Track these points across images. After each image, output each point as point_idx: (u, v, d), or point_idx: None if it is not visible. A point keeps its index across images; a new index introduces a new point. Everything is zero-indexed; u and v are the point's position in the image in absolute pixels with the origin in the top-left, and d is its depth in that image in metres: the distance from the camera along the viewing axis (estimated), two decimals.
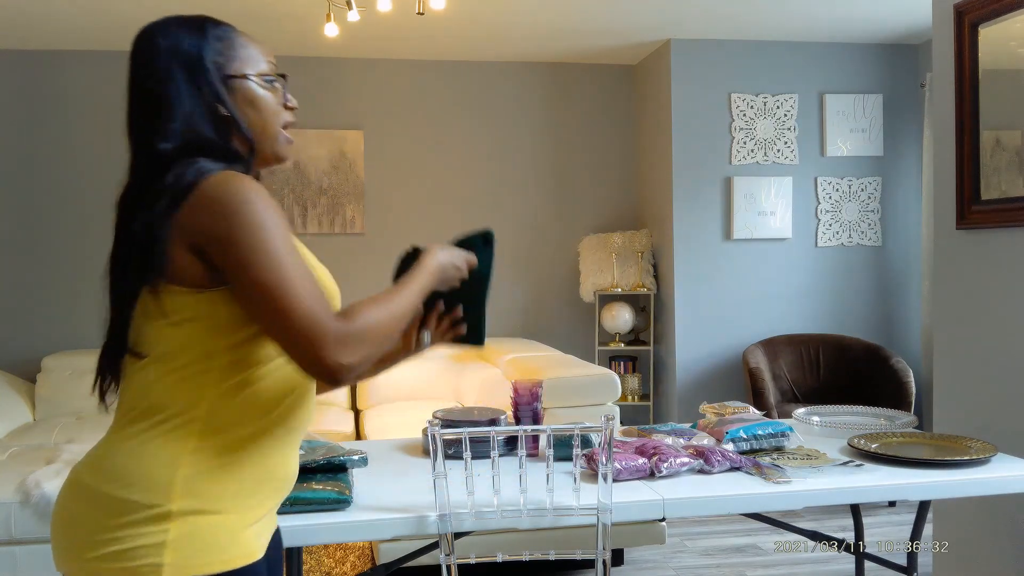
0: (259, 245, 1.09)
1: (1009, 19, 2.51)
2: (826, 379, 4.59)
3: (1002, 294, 2.60)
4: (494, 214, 5.15)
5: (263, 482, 1.20)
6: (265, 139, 1.26)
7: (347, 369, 1.12)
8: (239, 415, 1.17)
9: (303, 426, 1.28)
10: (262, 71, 1.25)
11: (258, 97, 1.24)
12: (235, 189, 1.11)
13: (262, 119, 1.25)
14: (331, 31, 3.62)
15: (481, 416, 2.22)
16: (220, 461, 1.15)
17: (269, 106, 1.25)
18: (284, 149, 1.30)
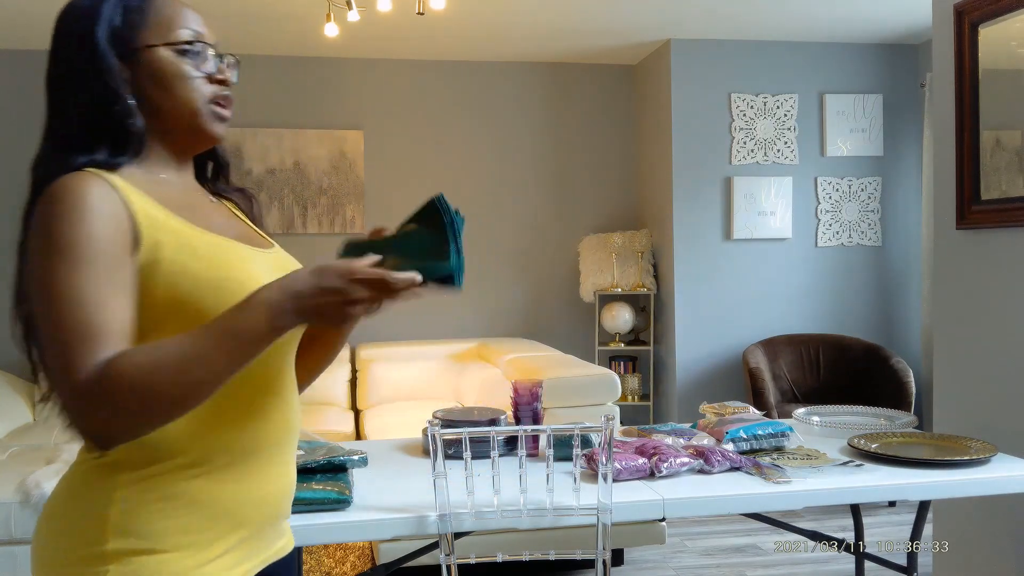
0: (41, 267, 0.96)
1: (1009, 19, 2.51)
2: (826, 379, 4.59)
3: (1002, 294, 2.60)
4: (494, 214, 5.15)
5: (216, 517, 1.05)
6: (178, 118, 1.09)
7: (92, 433, 0.95)
8: (171, 442, 1.02)
9: (263, 449, 1.10)
10: (173, 39, 1.08)
11: (163, 72, 1.08)
12: (52, 197, 0.98)
13: (169, 97, 1.08)
14: (331, 31, 3.62)
15: (481, 416, 2.22)
16: (159, 494, 1.02)
17: (178, 80, 1.08)
18: (210, 126, 1.11)
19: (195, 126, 1.10)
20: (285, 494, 1.15)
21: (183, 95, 1.09)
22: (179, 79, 1.08)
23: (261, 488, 1.09)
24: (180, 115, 1.09)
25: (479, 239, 5.15)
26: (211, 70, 1.11)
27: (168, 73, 1.08)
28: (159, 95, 1.08)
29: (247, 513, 1.08)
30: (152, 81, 1.07)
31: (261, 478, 1.09)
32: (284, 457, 1.14)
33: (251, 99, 4.84)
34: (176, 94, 1.08)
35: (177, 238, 1.02)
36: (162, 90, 1.08)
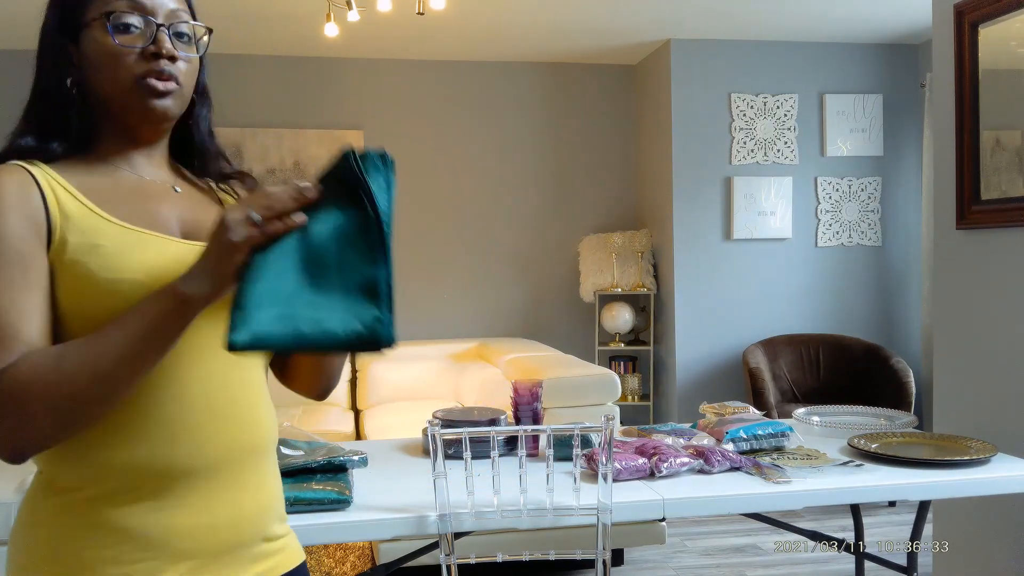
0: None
1: (1009, 19, 2.51)
2: (826, 379, 4.59)
3: (1002, 294, 2.60)
4: (494, 214, 5.16)
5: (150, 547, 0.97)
6: (113, 99, 1.02)
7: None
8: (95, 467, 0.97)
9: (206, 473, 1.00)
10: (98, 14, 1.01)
11: (95, 51, 1.01)
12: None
13: (102, 78, 1.01)
14: (331, 31, 3.61)
15: (481, 416, 2.22)
16: (85, 522, 0.96)
17: (108, 59, 1.01)
18: (145, 102, 1.02)
19: (130, 105, 1.02)
20: (246, 518, 1.04)
21: (114, 75, 1.01)
22: (109, 57, 1.01)
23: (208, 514, 1.00)
24: (114, 96, 1.02)
25: (479, 239, 5.15)
26: (144, 43, 1.01)
27: (99, 52, 1.01)
28: (94, 76, 1.02)
29: (191, 543, 0.99)
30: (88, 62, 1.02)
31: (208, 504, 1.00)
32: (241, 479, 1.03)
33: (251, 99, 4.84)
34: (107, 75, 1.01)
35: (85, 237, 0.96)
36: (96, 70, 1.02)
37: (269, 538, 1.08)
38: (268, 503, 1.09)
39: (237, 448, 1.03)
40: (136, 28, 1.01)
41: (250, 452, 1.05)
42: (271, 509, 1.09)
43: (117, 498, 0.97)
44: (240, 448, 1.03)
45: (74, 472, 0.97)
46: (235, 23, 4.21)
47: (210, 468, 1.00)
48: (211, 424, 1.00)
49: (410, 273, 5.07)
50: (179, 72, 1.03)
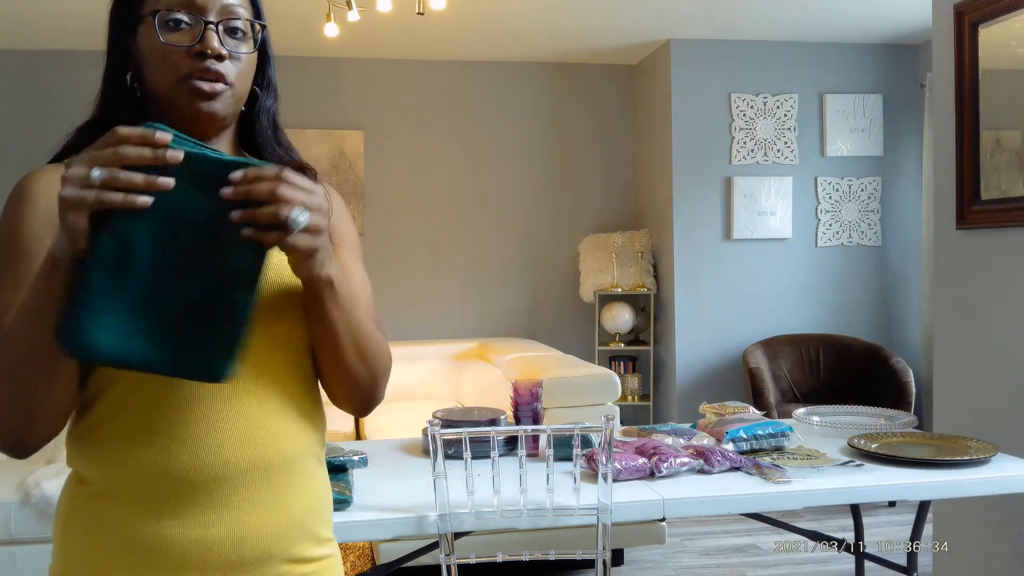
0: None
1: (1009, 19, 2.51)
2: (826, 379, 4.59)
3: (1002, 294, 2.60)
4: (494, 214, 5.16)
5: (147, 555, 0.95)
6: (160, 97, 1.01)
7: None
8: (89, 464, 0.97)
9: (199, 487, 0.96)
10: (154, 9, 0.99)
11: (147, 47, 1.00)
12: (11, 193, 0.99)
13: (152, 74, 1.00)
14: (331, 31, 3.61)
15: (481, 416, 2.22)
16: (88, 521, 0.97)
17: (156, 55, 0.99)
18: (191, 103, 0.99)
19: (177, 105, 0.99)
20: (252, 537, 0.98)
21: (162, 73, 0.99)
22: (157, 55, 0.99)
23: (200, 529, 0.96)
24: (163, 94, 1.00)
25: (479, 239, 5.15)
26: (191, 42, 0.98)
27: (149, 49, 0.99)
28: (147, 71, 1.00)
29: (181, 556, 0.95)
30: (141, 57, 1.01)
31: (202, 519, 0.96)
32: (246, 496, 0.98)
33: None
34: (156, 72, 0.99)
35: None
36: (148, 66, 1.00)
37: (294, 560, 1.01)
38: (289, 523, 1.01)
39: (239, 463, 0.97)
40: (186, 25, 0.99)
41: (258, 468, 0.98)
42: (293, 529, 1.01)
43: (115, 500, 0.96)
44: (243, 463, 0.97)
45: (84, 465, 0.99)
46: None
47: (206, 482, 0.96)
48: (209, 436, 0.96)
49: (410, 273, 5.07)
50: (228, 71, 1.00)
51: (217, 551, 0.96)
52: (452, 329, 5.12)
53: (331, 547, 1.08)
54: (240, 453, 0.97)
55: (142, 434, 0.95)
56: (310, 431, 1.05)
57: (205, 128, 1.03)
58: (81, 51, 4.68)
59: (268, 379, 1.00)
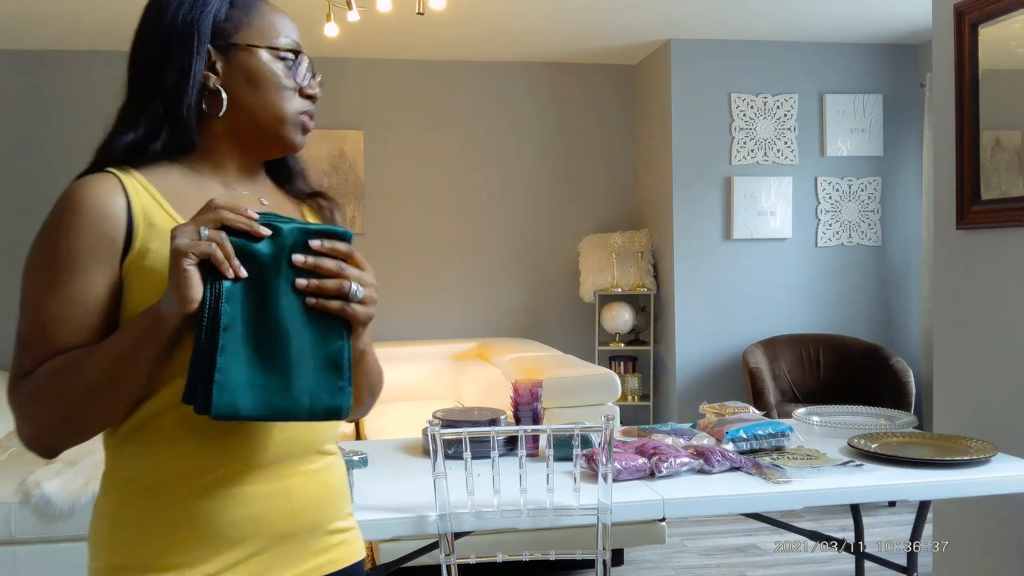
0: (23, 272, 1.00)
1: (1009, 19, 2.51)
2: (826, 379, 4.59)
3: (1002, 294, 2.60)
4: (494, 214, 5.16)
5: (202, 537, 1.01)
6: (262, 120, 1.10)
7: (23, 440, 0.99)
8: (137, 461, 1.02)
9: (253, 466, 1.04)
10: (276, 45, 1.10)
11: (259, 72, 1.09)
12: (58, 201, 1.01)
13: (260, 98, 1.09)
14: (331, 31, 3.61)
15: (481, 416, 2.22)
16: (141, 512, 1.01)
17: (272, 85, 1.09)
18: (294, 135, 1.13)
19: (278, 133, 1.11)
20: (300, 510, 1.07)
21: (273, 100, 1.10)
22: (273, 84, 1.09)
23: (260, 505, 1.04)
24: (265, 118, 1.10)
25: (479, 239, 5.15)
26: (304, 83, 1.13)
27: (264, 75, 1.09)
28: (249, 94, 1.08)
29: (241, 533, 1.03)
30: (245, 79, 1.08)
31: (261, 495, 1.04)
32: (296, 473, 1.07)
33: None
34: (267, 97, 1.09)
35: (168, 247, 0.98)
36: (254, 89, 1.08)
37: (332, 531, 1.12)
38: (328, 497, 1.12)
39: (290, 444, 1.06)
40: (299, 66, 1.12)
41: (302, 449, 1.08)
42: (327, 503, 1.12)
43: (175, 489, 1.00)
44: (293, 444, 1.06)
45: (133, 463, 1.02)
46: None
47: (265, 462, 1.04)
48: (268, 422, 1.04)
49: (410, 273, 5.07)
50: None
51: (272, 524, 1.05)
52: (452, 329, 5.12)
53: (354, 519, 1.18)
54: (294, 434, 1.06)
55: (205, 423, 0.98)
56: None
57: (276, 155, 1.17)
58: (81, 51, 4.68)
59: None
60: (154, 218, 1.02)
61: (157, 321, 0.94)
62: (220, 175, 1.11)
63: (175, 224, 1.00)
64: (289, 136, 1.13)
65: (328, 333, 0.98)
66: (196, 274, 0.91)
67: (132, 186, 1.02)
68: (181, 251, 0.91)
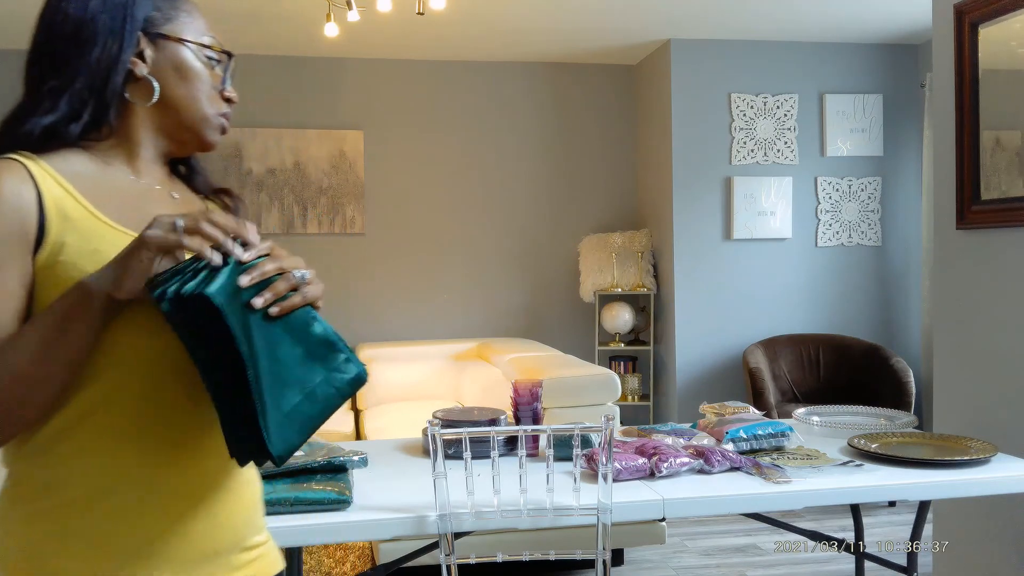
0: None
1: (1009, 19, 2.51)
2: (826, 379, 4.59)
3: (1002, 294, 2.60)
4: (494, 214, 5.16)
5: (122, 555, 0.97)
6: (186, 114, 1.08)
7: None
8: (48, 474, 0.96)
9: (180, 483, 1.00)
10: (204, 43, 1.09)
11: (189, 66, 1.08)
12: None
13: (189, 93, 1.08)
14: (331, 31, 3.61)
15: (481, 416, 2.22)
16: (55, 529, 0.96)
17: (199, 80, 1.08)
18: (213, 135, 1.11)
19: (199, 130, 1.10)
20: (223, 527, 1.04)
21: (200, 97, 1.09)
22: (201, 80, 1.08)
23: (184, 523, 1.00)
24: (190, 114, 1.08)
25: (479, 239, 5.15)
26: (226, 87, 1.12)
27: (195, 70, 1.08)
28: (178, 87, 1.07)
29: (161, 551, 0.99)
30: (175, 71, 1.07)
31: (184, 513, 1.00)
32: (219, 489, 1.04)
33: (251, 99, 4.84)
34: (195, 93, 1.08)
35: (85, 241, 0.96)
36: (183, 83, 1.07)
37: (248, 547, 1.08)
38: (247, 513, 1.09)
39: (216, 459, 1.03)
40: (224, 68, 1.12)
41: (228, 463, 1.04)
42: (250, 519, 1.09)
43: (91, 506, 0.96)
44: (219, 459, 1.02)
45: (44, 477, 0.96)
46: (235, 23, 4.21)
47: (189, 477, 1.01)
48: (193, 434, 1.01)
49: (410, 273, 5.07)
50: None
51: (197, 543, 1.01)
52: (452, 329, 5.12)
53: (267, 532, 1.15)
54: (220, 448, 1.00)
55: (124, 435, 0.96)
56: None
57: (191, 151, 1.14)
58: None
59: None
60: (68, 211, 0.96)
61: (85, 297, 0.91)
62: (131, 165, 1.07)
63: (90, 216, 0.97)
64: (208, 135, 1.11)
65: (303, 326, 0.96)
66: (152, 265, 0.89)
67: (41, 176, 0.96)
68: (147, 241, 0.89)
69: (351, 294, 4.98)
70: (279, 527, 1.58)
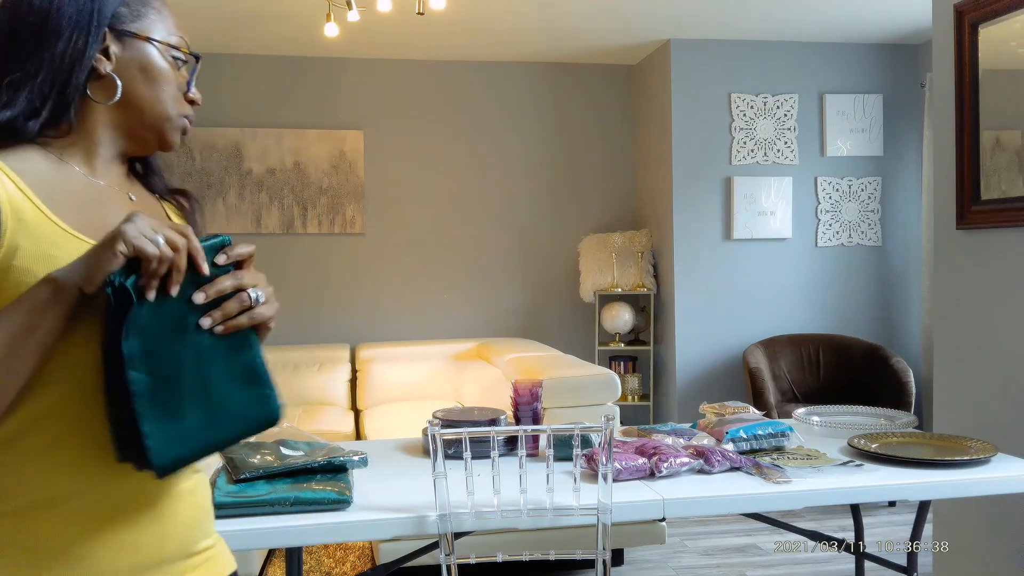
0: None
1: (1009, 19, 2.51)
2: (826, 379, 4.59)
3: (1002, 294, 2.60)
4: (494, 214, 5.16)
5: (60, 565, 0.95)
6: (149, 113, 1.06)
7: None
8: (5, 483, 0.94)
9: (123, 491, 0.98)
10: (172, 43, 1.08)
11: (155, 65, 1.06)
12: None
13: (151, 91, 1.06)
14: (331, 31, 3.62)
15: (481, 416, 2.22)
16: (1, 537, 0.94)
17: (164, 81, 1.07)
18: (175, 136, 1.10)
19: (161, 131, 1.08)
20: (171, 535, 1.03)
21: (164, 98, 1.07)
22: (166, 80, 1.07)
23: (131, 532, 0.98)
24: (153, 114, 1.07)
25: (479, 239, 5.15)
26: (190, 89, 1.11)
27: (161, 70, 1.06)
28: (143, 86, 1.05)
29: (111, 560, 0.97)
30: (140, 70, 1.05)
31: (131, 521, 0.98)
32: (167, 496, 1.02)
33: (251, 99, 4.84)
34: (159, 94, 1.06)
35: (39, 246, 0.93)
36: (148, 83, 1.05)
37: (195, 552, 1.07)
38: (194, 518, 1.07)
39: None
40: (189, 69, 1.11)
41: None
42: (197, 524, 1.08)
43: (37, 514, 0.94)
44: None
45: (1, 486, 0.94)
46: (235, 23, 4.21)
47: (135, 485, 0.99)
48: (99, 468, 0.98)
49: (410, 273, 5.08)
50: None
51: (144, 551, 1.00)
52: (452, 329, 5.12)
53: (216, 535, 1.14)
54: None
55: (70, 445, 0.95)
56: None
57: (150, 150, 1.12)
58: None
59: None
60: (23, 212, 0.93)
61: (56, 292, 0.89)
62: (89, 164, 1.05)
63: (44, 220, 0.94)
64: (170, 136, 1.09)
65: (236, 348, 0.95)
66: (121, 261, 0.88)
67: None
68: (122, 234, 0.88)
69: (351, 294, 4.98)
70: (279, 527, 1.58)
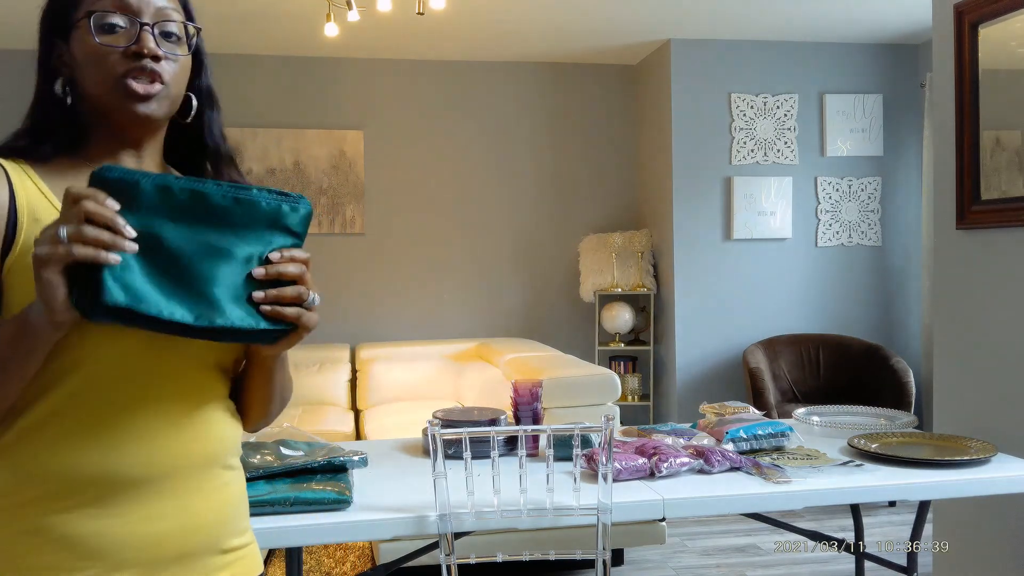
0: None
1: (1009, 19, 2.51)
2: (826, 379, 4.59)
3: (1002, 294, 2.60)
4: (494, 214, 5.16)
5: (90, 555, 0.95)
6: (97, 99, 1.00)
7: None
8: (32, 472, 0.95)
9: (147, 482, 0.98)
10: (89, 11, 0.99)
11: (81, 51, 1.00)
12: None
13: (88, 77, 1.00)
14: (331, 31, 3.62)
15: (481, 416, 2.22)
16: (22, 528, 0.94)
17: (92, 58, 0.99)
18: (125, 104, 0.99)
19: (113, 106, 1.00)
20: (196, 529, 1.02)
21: (97, 75, 0.99)
22: (93, 57, 0.99)
23: (154, 524, 0.98)
24: (99, 96, 1.00)
25: (479, 239, 5.16)
26: (127, 43, 0.99)
27: (85, 52, 0.99)
28: (82, 77, 1.00)
29: (135, 552, 0.97)
30: (76, 63, 1.01)
31: (154, 513, 0.98)
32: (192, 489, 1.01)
33: (251, 99, 4.84)
34: (92, 75, 0.99)
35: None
36: (82, 71, 1.00)
37: (225, 550, 1.06)
38: (224, 515, 1.06)
39: (189, 458, 1.01)
40: (121, 28, 0.99)
41: (204, 463, 1.03)
42: (227, 521, 1.06)
43: (56, 504, 0.94)
44: (192, 458, 1.01)
45: (10, 476, 0.95)
46: (235, 23, 4.21)
47: (159, 477, 0.98)
48: (163, 433, 0.99)
49: (410, 273, 5.07)
50: (164, 72, 1.00)
51: (167, 544, 0.99)
52: (452, 329, 5.12)
53: (251, 534, 1.13)
54: (190, 448, 1.01)
55: (89, 434, 0.95)
56: (236, 429, 1.11)
57: (140, 131, 1.04)
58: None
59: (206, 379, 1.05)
60: (39, 213, 0.95)
61: (24, 329, 0.88)
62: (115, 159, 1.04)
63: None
64: (119, 107, 0.99)
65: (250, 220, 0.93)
66: (60, 281, 0.83)
67: (18, 178, 0.96)
68: (40, 260, 0.83)
69: (351, 294, 4.98)
70: (279, 527, 1.58)
